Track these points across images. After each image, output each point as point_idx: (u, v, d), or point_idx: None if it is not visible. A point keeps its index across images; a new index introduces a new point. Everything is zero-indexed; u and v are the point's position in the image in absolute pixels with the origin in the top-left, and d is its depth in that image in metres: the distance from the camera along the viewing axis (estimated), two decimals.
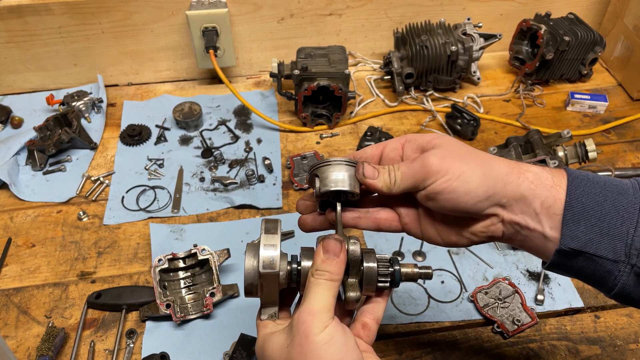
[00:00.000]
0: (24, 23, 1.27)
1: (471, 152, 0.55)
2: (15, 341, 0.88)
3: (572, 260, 0.51)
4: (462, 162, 0.53)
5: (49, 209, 1.10)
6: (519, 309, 0.92)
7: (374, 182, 0.55)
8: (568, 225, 0.50)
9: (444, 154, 0.53)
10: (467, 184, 0.52)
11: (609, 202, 0.49)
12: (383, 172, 0.56)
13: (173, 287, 0.94)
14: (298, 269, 0.55)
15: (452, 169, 0.52)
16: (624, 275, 0.48)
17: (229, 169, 1.18)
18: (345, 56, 1.26)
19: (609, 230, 0.49)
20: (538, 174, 0.53)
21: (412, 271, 0.57)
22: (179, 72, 1.44)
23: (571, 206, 0.50)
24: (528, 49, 1.39)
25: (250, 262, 0.54)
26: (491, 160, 0.54)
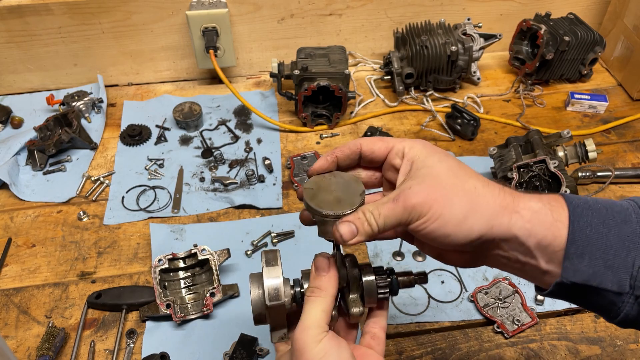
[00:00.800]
0: (24, 23, 1.27)
1: (460, 187, 0.50)
2: (15, 341, 0.88)
3: (573, 292, 0.49)
4: (445, 202, 0.48)
5: (49, 209, 1.10)
6: (519, 309, 0.92)
7: (355, 240, 0.51)
8: (571, 260, 0.47)
9: (428, 190, 0.49)
10: (444, 227, 0.48)
11: (613, 232, 0.47)
12: (361, 225, 0.51)
13: (173, 287, 0.94)
14: (301, 291, 0.57)
15: (433, 211, 0.48)
16: (628, 305, 0.47)
17: (229, 169, 1.18)
18: (345, 56, 1.26)
19: (614, 262, 0.46)
20: (537, 212, 0.49)
21: (409, 279, 0.58)
22: (179, 72, 1.44)
23: (574, 240, 0.47)
24: (528, 49, 1.39)
25: (255, 292, 0.55)
26: (480, 200, 0.49)
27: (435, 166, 0.51)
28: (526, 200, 0.50)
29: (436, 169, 0.51)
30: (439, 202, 0.48)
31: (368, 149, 0.57)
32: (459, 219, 0.48)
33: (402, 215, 0.49)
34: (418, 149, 0.53)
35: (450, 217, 0.48)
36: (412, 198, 0.49)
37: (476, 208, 0.49)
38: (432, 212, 0.48)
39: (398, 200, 0.50)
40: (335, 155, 0.57)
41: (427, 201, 0.48)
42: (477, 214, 0.48)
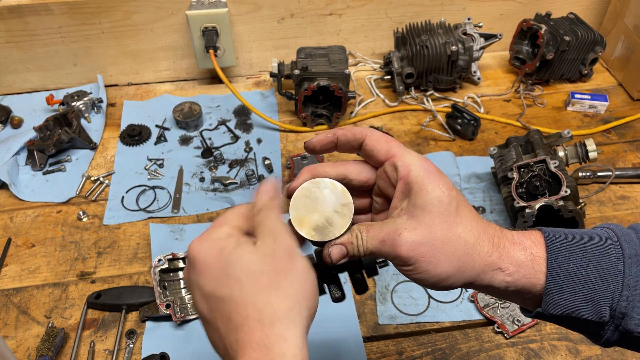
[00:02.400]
0: (23, 23, 1.26)
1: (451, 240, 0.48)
2: (15, 341, 0.88)
3: (555, 319, 0.50)
4: (431, 260, 0.48)
5: (49, 209, 1.10)
6: (519, 309, 0.91)
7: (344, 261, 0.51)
8: (551, 294, 0.48)
9: (416, 246, 0.48)
10: (427, 280, 0.49)
11: (592, 265, 0.47)
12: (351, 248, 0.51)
13: (173, 287, 0.94)
14: None
15: (418, 264, 0.48)
16: (609, 332, 0.48)
17: (229, 169, 1.18)
18: (346, 56, 1.26)
19: (594, 296, 0.47)
20: (520, 267, 0.49)
21: None
22: (179, 72, 1.44)
23: (553, 276, 0.48)
24: (528, 49, 1.39)
25: None
26: (467, 260, 0.48)
27: (432, 211, 0.48)
28: (512, 252, 0.49)
29: (432, 215, 0.48)
30: (426, 259, 0.48)
31: (370, 144, 0.53)
32: (441, 278, 0.49)
33: (388, 256, 0.50)
34: (417, 172, 0.49)
35: (434, 275, 0.48)
36: (401, 248, 0.48)
37: (461, 269, 0.48)
38: (416, 266, 0.48)
39: (385, 243, 0.49)
40: (336, 135, 0.54)
41: (414, 255, 0.48)
42: (462, 274, 0.49)
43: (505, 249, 0.49)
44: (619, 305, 0.46)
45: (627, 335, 0.47)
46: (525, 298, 0.51)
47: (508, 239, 0.50)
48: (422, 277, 0.49)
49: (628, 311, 0.46)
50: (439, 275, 0.48)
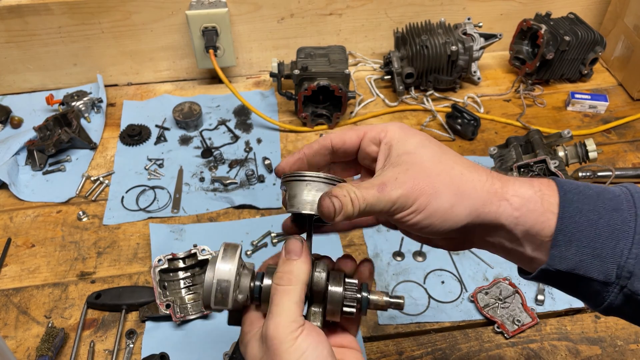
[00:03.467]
0: (23, 23, 1.26)
1: (446, 173, 0.48)
2: (15, 341, 0.88)
3: (558, 278, 0.47)
4: (431, 192, 0.46)
5: (49, 209, 1.10)
6: (519, 309, 0.92)
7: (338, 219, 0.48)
8: (559, 247, 0.46)
9: (413, 182, 0.47)
10: (430, 217, 0.47)
11: (604, 220, 0.45)
12: (346, 203, 0.48)
13: (173, 288, 0.94)
14: (260, 286, 0.50)
15: (418, 203, 0.46)
16: (612, 295, 0.46)
17: (229, 169, 1.18)
18: (345, 56, 1.26)
19: (602, 251, 0.45)
20: (527, 200, 0.47)
21: (382, 301, 0.52)
22: (178, 72, 1.44)
23: (563, 227, 0.46)
24: (528, 49, 1.39)
25: (206, 289, 0.50)
26: (467, 187, 0.47)
27: (417, 152, 0.49)
28: (516, 186, 0.48)
29: (419, 155, 0.49)
30: (425, 192, 0.46)
31: (338, 140, 0.53)
32: (445, 209, 0.47)
33: (386, 205, 0.47)
34: (394, 131, 0.50)
35: (437, 208, 0.46)
36: (397, 189, 0.46)
37: (463, 196, 0.47)
38: (418, 204, 0.46)
39: (383, 189, 0.47)
40: (303, 153, 0.54)
41: (412, 192, 0.46)
42: (465, 202, 0.47)
43: (509, 182, 0.48)
44: (627, 264, 0.44)
45: (630, 299, 0.45)
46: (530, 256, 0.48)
47: (511, 178, 0.49)
48: (426, 214, 0.46)
49: (636, 270, 0.44)
50: (442, 206, 0.46)
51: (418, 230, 0.48)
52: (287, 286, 0.48)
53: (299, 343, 0.45)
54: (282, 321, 0.46)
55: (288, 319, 0.46)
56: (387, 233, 1.03)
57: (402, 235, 1.05)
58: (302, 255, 0.49)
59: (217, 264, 0.49)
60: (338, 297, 0.50)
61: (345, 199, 0.47)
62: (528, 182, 0.48)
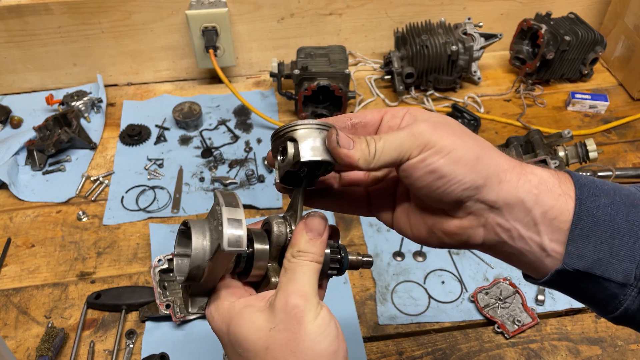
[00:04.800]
0: (23, 23, 1.26)
1: (470, 133, 0.46)
2: (14, 341, 0.88)
3: (573, 281, 0.44)
4: (457, 137, 0.43)
5: (49, 209, 1.10)
6: (519, 309, 0.91)
7: (349, 153, 0.44)
8: (576, 242, 0.42)
9: (438, 125, 0.44)
10: (454, 164, 0.43)
11: (621, 215, 0.42)
12: (360, 142, 0.45)
13: (173, 288, 0.93)
14: (248, 252, 0.47)
15: (442, 143, 0.43)
16: (630, 298, 0.43)
17: (229, 169, 1.18)
18: (346, 56, 1.26)
19: (620, 249, 0.42)
20: (544, 179, 0.44)
21: (357, 258, 0.53)
22: (178, 72, 1.44)
23: (580, 220, 0.42)
24: (529, 49, 1.39)
25: (199, 241, 0.45)
26: (490, 149, 0.45)
27: (442, 118, 0.47)
28: (531, 167, 0.45)
29: (445, 118, 0.47)
30: (451, 136, 0.43)
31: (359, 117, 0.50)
32: (470, 158, 0.43)
33: (407, 142, 0.43)
34: (416, 109, 0.49)
35: (463, 155, 0.43)
36: (421, 126, 0.43)
37: (488, 154, 0.44)
38: (443, 144, 0.42)
39: (403, 128, 0.44)
40: None
41: (437, 131, 0.43)
42: (489, 159, 0.44)
43: (527, 165, 0.46)
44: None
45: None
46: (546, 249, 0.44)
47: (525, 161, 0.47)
48: (452, 158, 0.43)
49: None
50: (468, 153, 0.43)
51: (433, 184, 0.44)
52: (313, 263, 0.46)
53: (323, 318, 0.43)
54: (309, 292, 0.44)
55: (313, 292, 0.44)
56: (387, 233, 1.03)
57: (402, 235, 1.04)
58: (324, 235, 0.47)
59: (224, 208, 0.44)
60: (326, 259, 0.49)
61: (360, 139, 0.44)
62: (544, 168, 0.46)
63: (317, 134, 0.47)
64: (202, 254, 0.45)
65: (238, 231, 0.43)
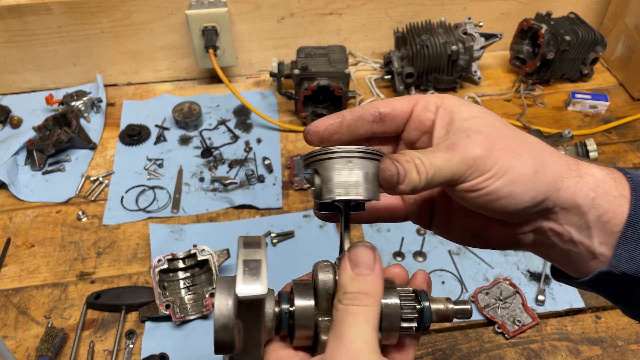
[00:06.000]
0: (23, 23, 1.26)
1: (522, 139, 0.42)
2: (14, 341, 0.88)
3: (616, 284, 0.42)
4: (512, 154, 0.40)
5: (48, 209, 1.10)
6: (519, 310, 0.91)
7: (403, 187, 0.40)
8: (626, 245, 0.40)
9: (490, 142, 0.40)
10: (512, 184, 0.39)
11: None
12: (410, 170, 0.40)
13: (172, 288, 0.93)
14: (290, 310, 0.40)
15: (499, 164, 0.39)
16: None
17: (229, 169, 1.18)
18: (346, 56, 1.26)
19: None
20: (602, 180, 0.42)
21: (447, 307, 0.43)
22: (178, 72, 1.43)
23: (634, 222, 0.40)
24: (529, 49, 1.39)
25: (222, 299, 0.38)
26: (546, 155, 0.41)
27: (485, 116, 0.43)
28: (587, 166, 0.42)
29: (488, 118, 0.42)
30: (506, 154, 0.40)
31: (387, 105, 0.45)
32: (529, 175, 0.40)
33: (459, 168, 0.39)
34: (451, 99, 0.45)
35: (520, 173, 0.39)
36: (473, 148, 0.39)
37: (544, 163, 0.41)
38: (499, 167, 0.39)
39: (454, 150, 0.40)
40: (342, 115, 0.45)
41: (492, 153, 0.39)
42: (547, 171, 0.41)
43: (583, 164, 0.43)
44: None
45: None
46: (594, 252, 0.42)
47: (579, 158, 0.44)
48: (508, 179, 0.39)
49: None
50: (526, 170, 0.40)
51: (489, 203, 0.40)
52: (364, 307, 0.38)
53: None
54: (360, 349, 0.36)
55: (369, 347, 0.36)
56: (387, 233, 1.03)
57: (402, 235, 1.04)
58: (375, 268, 0.40)
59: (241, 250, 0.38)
60: (395, 310, 0.40)
61: (409, 165, 0.40)
62: (597, 164, 0.44)
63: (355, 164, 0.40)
64: (227, 312, 0.38)
65: (255, 273, 0.37)
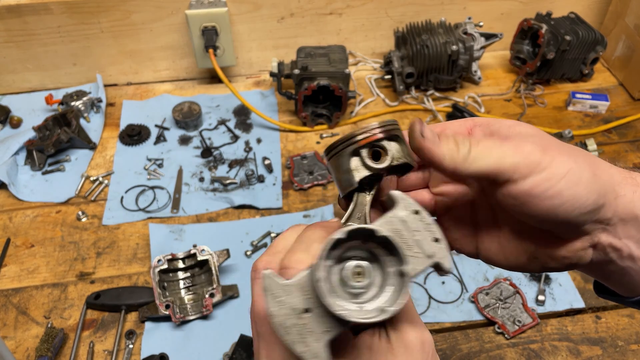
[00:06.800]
0: (23, 22, 1.26)
1: (577, 149, 0.39)
2: (14, 342, 0.88)
3: None
4: (567, 155, 0.37)
5: (48, 209, 1.10)
6: (520, 310, 0.91)
7: (434, 148, 0.38)
8: None
9: (543, 142, 0.37)
10: (575, 186, 0.36)
11: None
12: (447, 140, 0.38)
13: (172, 288, 0.93)
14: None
15: (556, 164, 0.36)
16: None
17: (229, 169, 1.18)
18: (346, 55, 1.26)
19: None
20: None
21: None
22: (178, 72, 1.43)
23: None
24: (529, 49, 1.39)
25: None
26: (599, 161, 0.40)
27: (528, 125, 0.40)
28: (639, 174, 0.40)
29: (532, 127, 0.40)
30: (562, 154, 0.37)
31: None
32: (588, 177, 0.37)
33: (511, 158, 0.36)
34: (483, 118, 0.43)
35: (581, 174, 0.37)
36: (528, 144, 0.36)
37: (600, 167, 0.38)
38: (557, 165, 0.36)
39: (506, 140, 0.37)
40: None
41: (547, 150, 0.36)
42: (603, 174, 0.38)
43: (635, 173, 0.41)
44: None
45: None
46: None
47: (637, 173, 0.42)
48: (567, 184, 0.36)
49: None
50: (584, 173, 0.37)
51: (552, 210, 0.37)
52: None
53: None
54: None
55: None
56: None
57: None
58: None
59: None
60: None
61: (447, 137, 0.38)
62: None
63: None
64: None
65: None
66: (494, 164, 0.37)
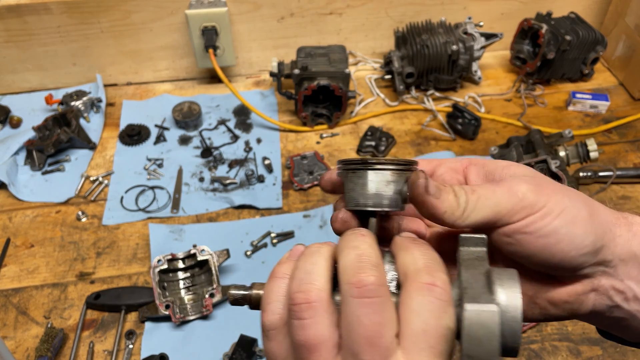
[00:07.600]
0: (22, 22, 1.26)
1: (572, 189, 0.39)
2: (14, 342, 0.88)
3: None
4: (562, 195, 0.37)
5: (48, 209, 1.10)
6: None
7: (436, 204, 0.37)
8: None
9: (537, 182, 0.37)
10: (571, 225, 0.36)
11: None
12: (447, 192, 0.37)
13: (172, 288, 0.93)
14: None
15: (552, 203, 0.36)
16: None
17: (229, 169, 1.18)
18: (346, 55, 1.26)
19: None
20: None
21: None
22: (178, 72, 1.43)
23: None
24: (529, 49, 1.39)
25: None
26: (595, 202, 0.39)
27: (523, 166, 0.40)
28: (633, 216, 0.40)
29: (527, 168, 0.40)
30: (557, 194, 0.36)
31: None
32: (585, 216, 0.36)
33: (508, 201, 0.36)
34: (478, 159, 0.43)
35: (576, 213, 0.36)
36: (522, 184, 0.36)
37: (595, 208, 0.38)
38: (552, 205, 0.36)
39: (500, 184, 0.37)
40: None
41: (542, 190, 0.36)
42: (599, 215, 0.38)
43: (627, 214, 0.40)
44: None
45: None
46: None
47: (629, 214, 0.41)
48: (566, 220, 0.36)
49: None
50: (580, 213, 0.36)
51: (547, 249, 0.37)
52: None
53: None
54: None
55: None
56: None
57: None
58: None
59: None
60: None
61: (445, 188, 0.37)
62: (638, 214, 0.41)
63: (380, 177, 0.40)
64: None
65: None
66: (490, 213, 0.37)
